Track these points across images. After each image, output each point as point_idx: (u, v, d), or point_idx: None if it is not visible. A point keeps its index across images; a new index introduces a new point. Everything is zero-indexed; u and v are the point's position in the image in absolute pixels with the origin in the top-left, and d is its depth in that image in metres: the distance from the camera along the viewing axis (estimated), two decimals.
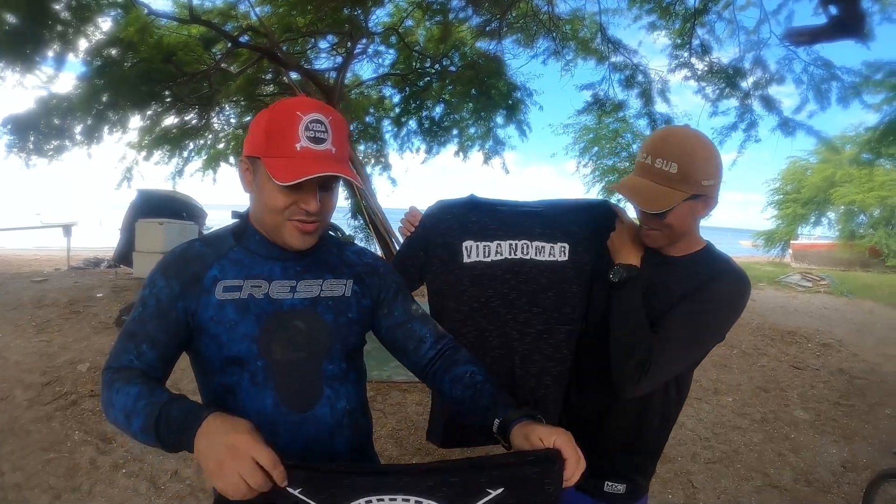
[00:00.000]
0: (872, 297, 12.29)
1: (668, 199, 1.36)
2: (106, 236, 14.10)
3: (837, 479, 3.89)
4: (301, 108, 1.13)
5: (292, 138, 1.11)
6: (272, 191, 1.14)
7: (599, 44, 9.40)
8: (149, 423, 0.98)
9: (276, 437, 1.17)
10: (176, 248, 1.25)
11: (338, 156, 1.16)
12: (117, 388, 1.06)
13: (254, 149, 1.17)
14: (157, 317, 1.15)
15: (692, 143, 1.38)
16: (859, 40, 6.18)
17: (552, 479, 1.00)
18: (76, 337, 5.60)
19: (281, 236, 1.20)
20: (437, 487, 0.97)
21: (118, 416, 1.04)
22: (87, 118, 8.28)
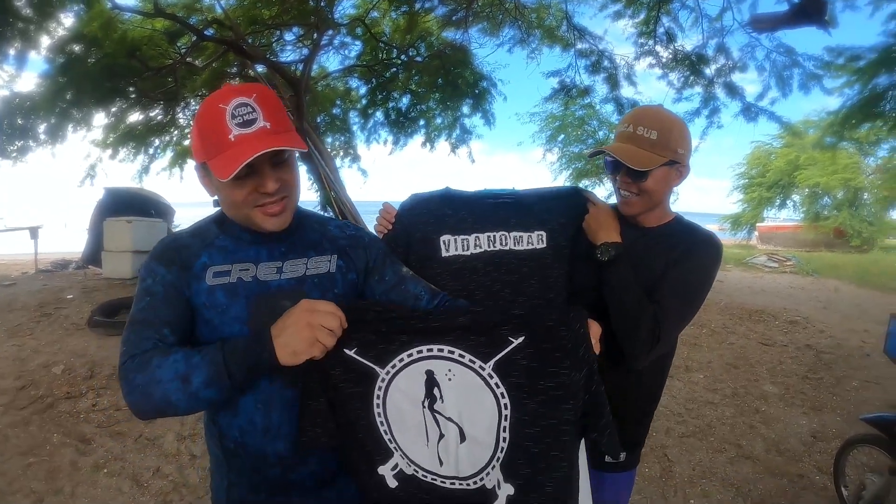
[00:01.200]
0: (837, 275, 12.65)
1: (651, 160, 1.50)
2: (72, 238, 13.80)
3: (808, 448, 4.04)
4: (222, 99, 1.12)
5: (223, 131, 1.10)
6: (227, 188, 1.15)
7: (565, 31, 9.48)
8: (215, 369, 1.06)
9: (271, 412, 1.22)
10: (164, 239, 1.28)
11: (274, 129, 1.13)
12: (157, 363, 1.07)
13: (198, 156, 1.18)
14: (168, 302, 1.18)
15: (668, 116, 1.56)
16: (821, 27, 6.32)
17: (568, 329, 1.07)
18: (48, 340, 5.52)
19: (256, 224, 1.21)
20: (465, 337, 1.09)
21: (169, 388, 1.05)
22: (50, 117, 8.07)
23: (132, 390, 1.08)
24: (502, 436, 1.10)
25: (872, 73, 7.04)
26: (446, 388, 1.11)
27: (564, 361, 1.07)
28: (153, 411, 1.10)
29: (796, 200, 22.94)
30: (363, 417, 1.15)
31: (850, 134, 9.60)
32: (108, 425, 3.99)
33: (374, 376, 1.13)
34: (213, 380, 1.05)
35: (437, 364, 1.11)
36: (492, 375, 1.08)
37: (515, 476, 1.11)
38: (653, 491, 3.44)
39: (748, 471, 3.70)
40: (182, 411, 1.09)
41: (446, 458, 1.13)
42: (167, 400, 1.06)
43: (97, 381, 4.60)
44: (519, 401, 1.08)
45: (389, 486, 1.16)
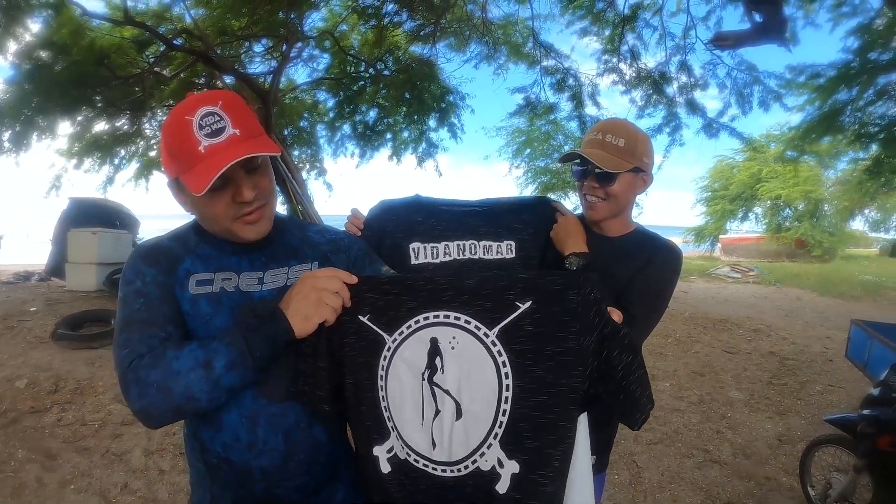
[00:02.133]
0: (799, 285, 12.99)
1: (619, 164, 1.58)
2: (35, 249, 13.46)
3: (774, 451, 4.14)
4: (187, 110, 1.08)
5: (192, 144, 1.07)
6: (203, 203, 1.13)
7: (531, 48, 9.63)
8: (237, 350, 1.05)
9: (257, 428, 1.19)
10: (145, 243, 1.25)
11: (244, 135, 1.10)
12: (173, 355, 1.04)
13: (169, 172, 1.16)
14: (164, 300, 1.15)
15: (634, 127, 1.65)
16: (782, 44, 6.54)
17: (578, 293, 1.04)
18: (11, 353, 5.37)
19: (237, 236, 1.19)
20: (472, 302, 1.09)
21: (191, 379, 1.02)
22: (15, 124, 7.91)
23: (145, 391, 1.03)
24: (502, 408, 1.04)
25: (832, 89, 7.30)
26: (448, 358, 1.08)
27: (573, 325, 1.02)
28: (171, 410, 1.04)
29: (758, 213, 23.63)
30: (368, 390, 1.13)
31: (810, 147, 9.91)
32: (74, 440, 3.90)
33: (382, 343, 1.12)
34: (235, 362, 1.04)
35: (442, 331, 1.09)
36: (495, 343, 1.04)
37: (521, 450, 1.03)
38: (623, 497, 3.49)
39: (716, 475, 3.78)
40: (204, 405, 1.06)
41: (440, 439, 1.07)
42: (189, 393, 1.02)
43: (62, 395, 4.49)
44: (524, 368, 1.03)
45: (382, 470, 1.13)
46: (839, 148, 11.54)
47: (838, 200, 20.92)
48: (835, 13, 6.94)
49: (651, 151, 1.66)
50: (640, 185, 1.65)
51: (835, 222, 21.52)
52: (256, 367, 1.07)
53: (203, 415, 1.19)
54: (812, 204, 21.14)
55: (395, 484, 1.12)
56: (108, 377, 4.80)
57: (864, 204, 20.88)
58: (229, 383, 1.05)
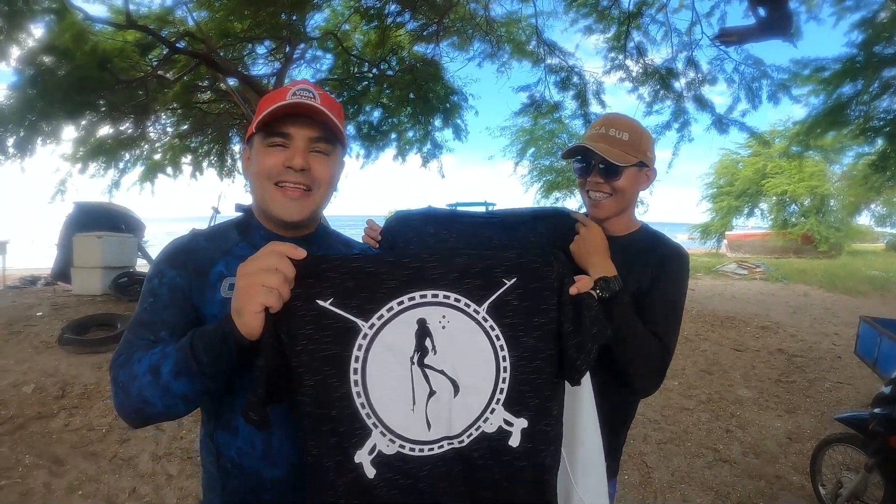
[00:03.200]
0: (806, 281, 12.94)
1: (625, 157, 1.54)
2: (40, 254, 13.51)
3: (784, 449, 4.11)
4: (293, 84, 1.17)
5: (280, 101, 1.13)
6: (261, 155, 1.16)
7: (535, 46, 9.60)
8: (182, 354, 0.96)
9: (272, 438, 1.17)
10: (177, 240, 1.24)
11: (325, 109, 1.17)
12: (137, 357, 1.01)
13: (250, 130, 1.19)
14: (171, 305, 1.13)
15: (636, 122, 1.62)
16: (787, 39, 6.51)
17: (553, 269, 1.09)
18: (18, 358, 5.38)
19: (272, 209, 1.19)
20: (461, 280, 1.04)
21: (143, 382, 0.98)
22: (19, 130, 7.94)
23: (116, 390, 1.02)
24: (502, 376, 1.06)
25: (837, 83, 7.27)
26: (439, 338, 1.03)
27: (552, 298, 1.08)
28: (134, 413, 1.01)
29: (764, 209, 23.47)
30: (336, 388, 0.99)
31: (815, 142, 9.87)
32: (81, 445, 3.89)
33: (355, 331, 0.99)
34: (180, 367, 0.96)
35: (431, 311, 1.02)
36: (486, 318, 1.05)
37: (526, 408, 1.07)
38: (633, 498, 3.47)
39: (726, 474, 3.76)
40: (161, 409, 0.99)
41: (436, 418, 1.03)
42: (142, 397, 0.98)
43: (69, 400, 4.49)
44: (516, 339, 1.06)
45: (367, 476, 1.00)
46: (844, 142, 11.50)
47: (844, 195, 20.82)
48: (838, 7, 6.92)
49: (653, 147, 1.64)
50: (644, 180, 1.62)
51: (841, 217, 21.41)
52: (205, 373, 0.96)
53: (219, 417, 1.19)
54: (818, 199, 21.05)
55: (384, 486, 1.02)
56: None
57: (870, 199, 20.75)
58: (180, 390, 0.97)
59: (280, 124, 1.15)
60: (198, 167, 12.62)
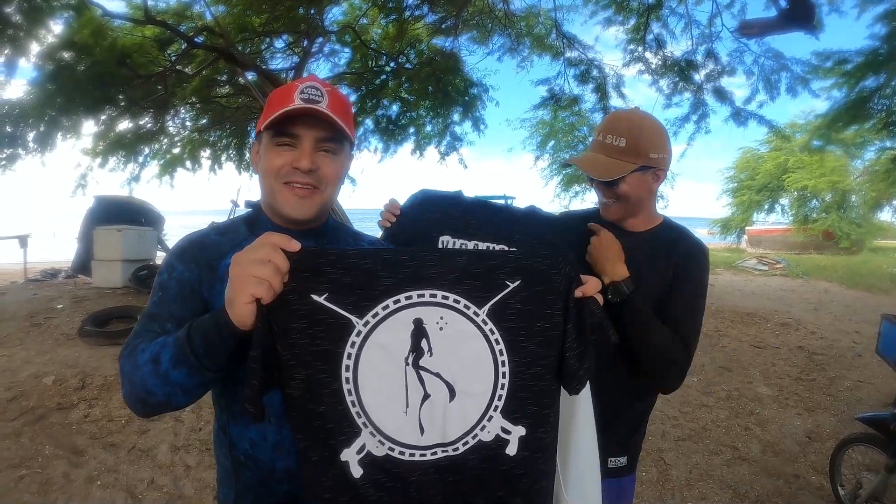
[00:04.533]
0: (827, 277, 12.76)
1: (617, 168, 1.51)
2: (61, 247, 13.69)
3: (803, 448, 4.06)
4: (299, 80, 1.18)
5: (288, 101, 1.14)
6: (269, 153, 1.18)
7: (554, 39, 9.53)
8: (179, 345, 0.96)
9: (284, 428, 1.18)
10: (190, 236, 1.25)
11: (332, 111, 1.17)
12: (142, 347, 1.02)
13: (258, 126, 1.20)
14: (180, 298, 1.14)
15: (639, 120, 1.55)
16: (808, 31, 6.40)
17: (559, 273, 1.05)
18: (39, 350, 5.46)
19: (279, 206, 1.21)
20: (461, 281, 1.00)
21: (145, 372, 0.98)
22: (39, 125, 8.03)
23: (123, 380, 1.03)
24: (500, 382, 1.03)
25: (860, 76, 7.13)
26: (436, 339, 1.00)
27: (557, 303, 1.05)
28: (139, 402, 1.02)
29: (785, 204, 23.18)
30: (327, 384, 0.97)
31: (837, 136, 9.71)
32: (100, 436, 3.94)
33: (349, 328, 0.96)
34: (178, 357, 0.96)
35: (428, 311, 0.99)
36: (486, 322, 1.01)
37: (524, 416, 1.05)
38: (651, 495, 3.45)
39: (745, 472, 3.72)
40: (162, 399, 1.00)
41: (430, 423, 1.01)
42: (145, 386, 0.99)
43: (89, 391, 4.55)
44: (516, 344, 1.03)
45: (353, 475, 0.98)
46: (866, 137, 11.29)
47: (866, 191, 20.46)
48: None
49: (661, 143, 1.55)
50: (653, 181, 1.57)
51: (862, 213, 21.04)
52: (202, 363, 0.95)
53: (231, 410, 1.20)
54: (839, 195, 20.73)
55: (370, 487, 1.00)
56: None
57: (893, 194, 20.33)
58: (178, 380, 0.97)
59: (288, 125, 1.16)
60: (216, 161, 12.69)
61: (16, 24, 6.38)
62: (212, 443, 1.33)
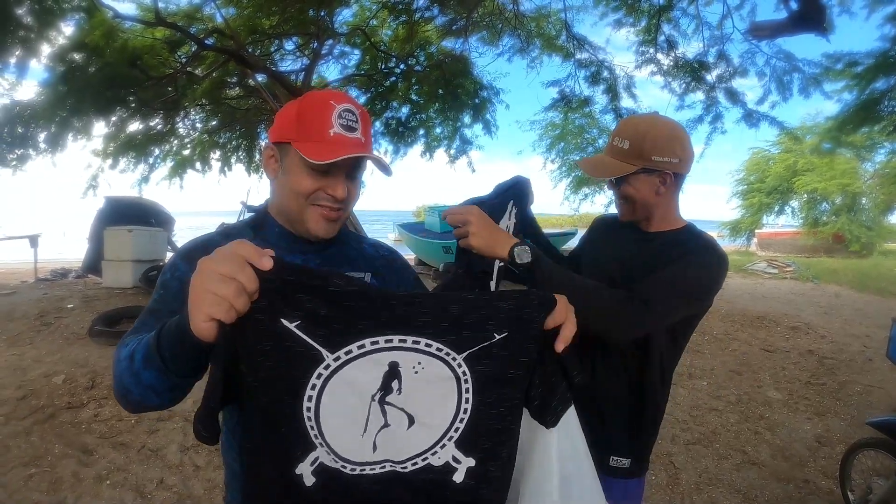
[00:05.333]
0: (837, 281, 12.68)
1: (614, 169, 1.54)
2: (71, 247, 13.78)
3: (813, 453, 4.03)
4: (335, 98, 1.16)
5: (326, 124, 1.13)
6: (300, 174, 1.16)
7: (565, 41, 9.52)
8: (148, 344, 0.91)
9: None
10: (197, 239, 1.24)
11: (366, 144, 1.19)
12: (126, 342, 0.99)
13: (283, 134, 1.17)
14: (181, 296, 1.04)
15: (648, 124, 1.54)
16: (819, 33, 6.36)
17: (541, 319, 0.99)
18: (49, 349, 5.49)
19: (304, 224, 1.20)
20: (450, 330, 0.93)
21: (122, 368, 0.95)
22: (50, 126, 8.08)
23: (113, 375, 0.99)
24: (459, 417, 1.00)
25: (870, 79, 7.08)
26: (407, 381, 0.95)
27: (534, 350, 1.01)
28: (121, 398, 0.98)
29: (795, 206, 23.01)
30: (287, 405, 0.90)
31: (847, 139, 9.65)
32: (110, 436, 3.96)
33: (317, 360, 0.88)
34: (148, 357, 0.91)
35: (407, 356, 0.93)
36: (461, 365, 0.97)
37: (476, 450, 1.02)
38: (660, 498, 3.43)
39: (754, 477, 3.69)
40: (138, 398, 0.94)
41: (383, 444, 0.98)
42: (123, 383, 0.95)
43: (98, 391, 4.57)
44: (485, 387, 0.99)
45: (305, 484, 0.94)
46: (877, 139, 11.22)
47: (876, 194, 20.35)
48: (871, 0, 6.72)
49: (671, 148, 1.51)
50: (661, 185, 1.54)
51: (873, 216, 20.91)
52: (168, 367, 0.89)
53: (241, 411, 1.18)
54: (849, 197, 20.57)
55: (320, 493, 0.96)
56: None
57: None
58: (149, 381, 0.91)
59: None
60: (226, 162, 12.74)
61: (27, 26, 6.41)
62: (220, 444, 1.32)
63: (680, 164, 1.54)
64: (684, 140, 1.55)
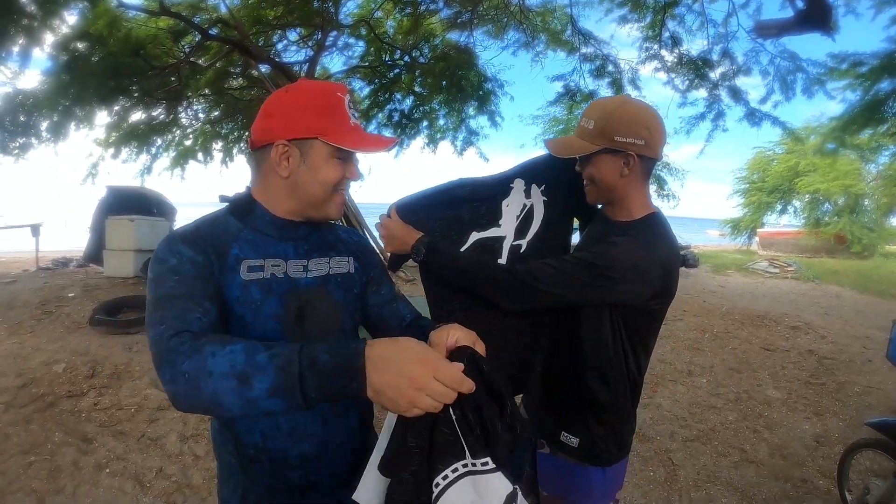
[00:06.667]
0: (838, 282, 12.67)
1: (576, 147, 1.54)
2: (72, 236, 13.77)
3: (811, 452, 4.03)
4: (338, 90, 1.20)
5: (345, 116, 1.18)
6: (331, 166, 1.18)
7: (570, 35, 9.50)
8: (285, 381, 0.87)
9: (297, 415, 1.21)
10: (187, 226, 1.20)
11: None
12: (210, 350, 0.90)
13: (305, 130, 1.15)
14: (201, 279, 1.09)
15: (616, 104, 1.53)
16: (825, 33, 6.33)
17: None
18: (50, 338, 5.50)
19: (324, 210, 1.23)
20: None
21: (221, 386, 0.87)
22: (53, 115, 8.08)
23: (176, 377, 0.91)
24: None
25: (875, 79, 7.05)
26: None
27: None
28: (199, 408, 0.91)
29: (797, 206, 22.99)
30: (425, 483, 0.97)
31: (851, 140, 9.63)
32: (110, 424, 3.97)
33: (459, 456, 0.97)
34: (281, 391, 0.87)
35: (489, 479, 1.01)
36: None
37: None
38: (658, 495, 3.43)
39: (752, 475, 3.69)
40: (234, 415, 0.91)
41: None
42: (216, 399, 0.88)
43: (99, 379, 4.58)
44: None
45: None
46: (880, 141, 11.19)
47: (879, 195, 20.32)
48: (876, 0, 6.69)
49: (635, 129, 1.48)
50: (623, 165, 1.51)
51: (875, 218, 20.88)
52: (308, 406, 0.89)
53: None
54: (852, 199, 20.54)
55: None
56: (144, 362, 4.89)
57: None
58: (268, 407, 0.89)
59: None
60: (228, 153, 12.74)
61: (31, 14, 6.41)
62: (213, 439, 1.32)
63: (646, 147, 1.49)
64: (652, 122, 1.50)
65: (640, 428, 4.15)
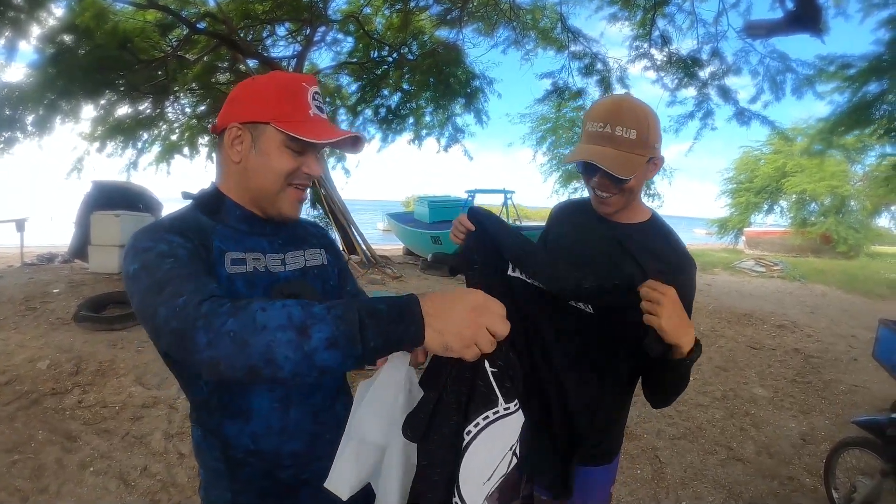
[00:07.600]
0: (824, 281, 12.79)
1: (635, 164, 1.41)
2: (58, 232, 13.62)
3: (798, 450, 4.06)
4: (304, 79, 1.18)
5: (305, 105, 1.15)
6: (281, 154, 1.15)
7: (559, 33, 9.53)
8: (346, 329, 0.82)
9: (290, 410, 1.20)
10: (160, 220, 1.14)
11: (329, 122, 1.22)
12: (259, 305, 0.84)
13: (260, 114, 1.13)
14: (198, 260, 1.04)
15: (643, 109, 1.44)
16: (815, 34, 6.38)
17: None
18: (34, 334, 5.43)
19: (276, 204, 1.19)
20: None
21: (277, 338, 0.81)
22: (38, 108, 7.98)
23: (217, 340, 0.82)
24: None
25: (863, 81, 7.12)
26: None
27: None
28: (245, 369, 0.82)
29: (784, 206, 23.20)
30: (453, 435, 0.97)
31: (838, 141, 9.72)
32: (94, 422, 3.92)
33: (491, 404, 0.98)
34: (340, 341, 0.82)
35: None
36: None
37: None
38: (645, 493, 3.44)
39: (739, 473, 3.71)
40: (284, 376, 0.82)
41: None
42: (270, 354, 0.80)
43: (83, 377, 4.53)
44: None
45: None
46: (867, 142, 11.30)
47: (864, 197, 20.54)
48: (866, 3, 6.74)
49: (659, 130, 1.47)
50: (652, 170, 1.50)
51: (860, 219, 21.11)
52: (365, 356, 0.84)
53: (226, 408, 1.16)
54: (838, 199, 20.74)
55: None
56: (129, 359, 4.84)
57: (891, 200, 20.41)
58: (324, 363, 0.82)
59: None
60: (214, 148, 12.66)
61: (17, 6, 6.33)
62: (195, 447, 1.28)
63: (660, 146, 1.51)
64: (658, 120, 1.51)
65: (627, 426, 4.16)
